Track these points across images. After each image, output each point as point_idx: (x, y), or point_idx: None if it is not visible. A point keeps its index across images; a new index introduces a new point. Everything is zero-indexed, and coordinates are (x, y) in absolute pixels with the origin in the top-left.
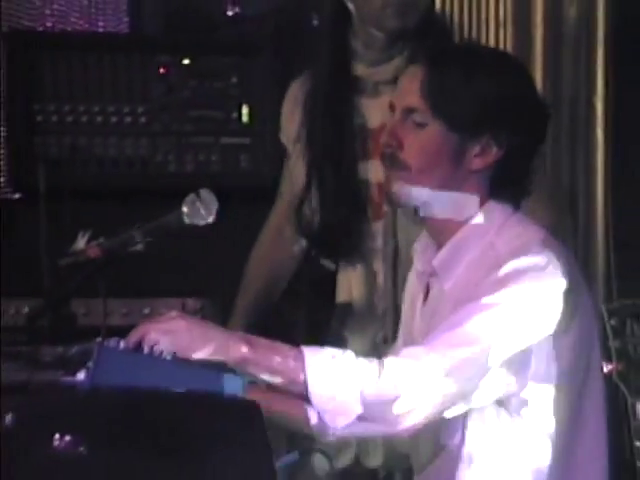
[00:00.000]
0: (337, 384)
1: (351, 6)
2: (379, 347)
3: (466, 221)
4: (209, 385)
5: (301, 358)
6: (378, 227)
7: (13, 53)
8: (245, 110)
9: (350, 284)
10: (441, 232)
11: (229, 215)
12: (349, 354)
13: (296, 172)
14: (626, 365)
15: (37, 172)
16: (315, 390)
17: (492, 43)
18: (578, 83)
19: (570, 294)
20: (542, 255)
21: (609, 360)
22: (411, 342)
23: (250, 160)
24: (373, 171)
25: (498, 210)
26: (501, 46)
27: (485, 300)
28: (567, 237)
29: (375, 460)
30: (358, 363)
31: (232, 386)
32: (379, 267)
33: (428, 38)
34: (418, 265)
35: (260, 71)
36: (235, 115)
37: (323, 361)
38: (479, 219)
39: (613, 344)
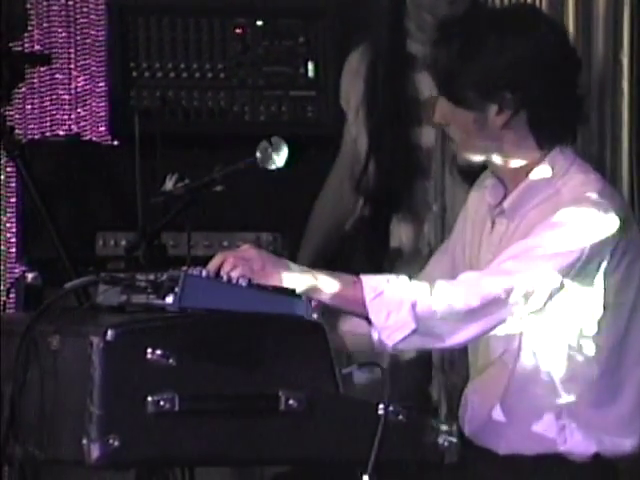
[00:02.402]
0: (391, 302)
1: None
2: None
3: (531, 167)
4: (279, 307)
5: (360, 282)
6: (428, 186)
7: (112, 18)
8: (311, 66)
9: (400, 232)
10: (507, 177)
11: (297, 159)
12: (403, 277)
13: (360, 138)
14: None
15: (132, 121)
16: (373, 309)
17: None
18: (606, 41)
19: (620, 239)
20: (599, 205)
21: None
22: (470, 267)
23: (315, 111)
24: (423, 137)
25: (561, 158)
26: None
27: (540, 241)
28: None
29: None
30: (411, 284)
31: (299, 308)
32: (426, 219)
33: (473, 24)
34: (489, 198)
35: (324, 32)
36: (302, 71)
37: (379, 283)
38: (545, 166)
39: None
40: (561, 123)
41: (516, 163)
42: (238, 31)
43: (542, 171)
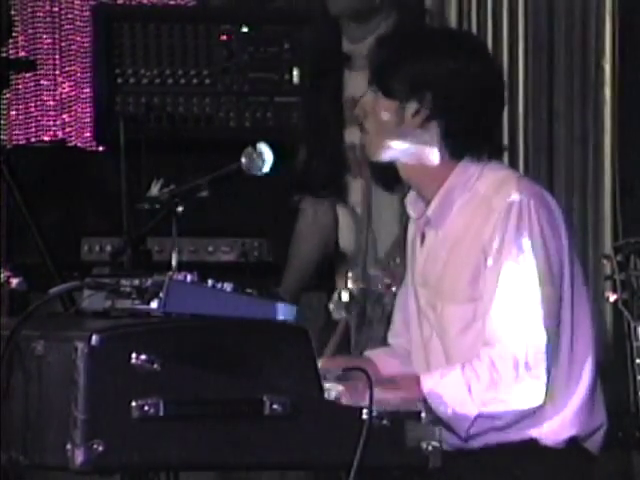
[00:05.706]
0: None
1: None
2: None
3: (445, 175)
4: (263, 312)
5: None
6: (358, 185)
7: (98, 24)
8: (296, 72)
9: (343, 232)
10: (424, 188)
11: (282, 165)
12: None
13: None
14: (629, 295)
15: (118, 127)
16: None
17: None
18: (588, 48)
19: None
20: (519, 191)
21: (615, 291)
22: (413, 280)
23: (300, 117)
24: (355, 135)
25: (474, 162)
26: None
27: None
28: None
29: None
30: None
31: (284, 313)
32: (360, 218)
33: (399, 16)
34: (412, 214)
35: (309, 38)
36: (287, 77)
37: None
38: (459, 171)
39: (619, 277)
40: (475, 138)
41: (428, 170)
42: (223, 38)
43: (457, 176)
